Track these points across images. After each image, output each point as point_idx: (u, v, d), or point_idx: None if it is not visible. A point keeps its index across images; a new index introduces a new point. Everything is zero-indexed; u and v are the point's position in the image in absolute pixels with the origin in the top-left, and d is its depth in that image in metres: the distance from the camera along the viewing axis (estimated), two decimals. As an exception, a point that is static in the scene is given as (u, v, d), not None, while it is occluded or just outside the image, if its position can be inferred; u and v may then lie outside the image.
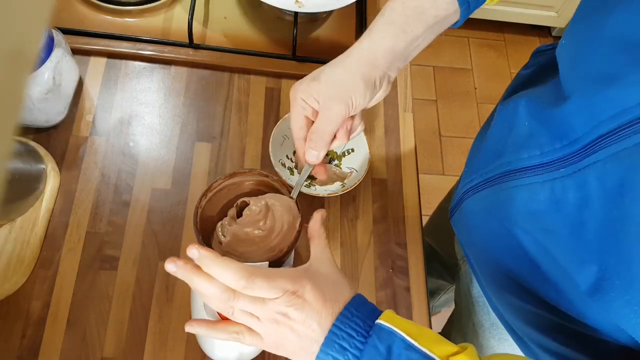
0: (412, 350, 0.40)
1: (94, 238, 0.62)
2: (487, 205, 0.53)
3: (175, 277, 0.61)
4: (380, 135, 0.74)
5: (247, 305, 0.42)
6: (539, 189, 0.44)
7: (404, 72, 0.80)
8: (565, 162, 0.42)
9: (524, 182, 0.46)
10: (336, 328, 0.41)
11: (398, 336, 0.40)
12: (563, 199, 0.42)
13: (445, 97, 1.93)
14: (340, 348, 0.40)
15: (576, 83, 0.43)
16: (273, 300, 0.41)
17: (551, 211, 0.43)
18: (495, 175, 0.51)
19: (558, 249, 0.44)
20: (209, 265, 0.42)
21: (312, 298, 0.42)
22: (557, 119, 0.44)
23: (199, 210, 0.54)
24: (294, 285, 0.42)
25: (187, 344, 0.58)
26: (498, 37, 2.08)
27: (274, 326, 0.42)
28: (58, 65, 0.62)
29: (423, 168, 1.78)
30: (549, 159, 0.44)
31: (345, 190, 0.64)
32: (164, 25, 0.75)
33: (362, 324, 0.41)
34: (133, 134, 0.68)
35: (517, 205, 0.47)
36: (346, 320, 0.41)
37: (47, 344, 0.56)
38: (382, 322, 0.41)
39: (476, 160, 0.58)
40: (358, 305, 0.43)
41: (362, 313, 0.42)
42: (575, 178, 0.41)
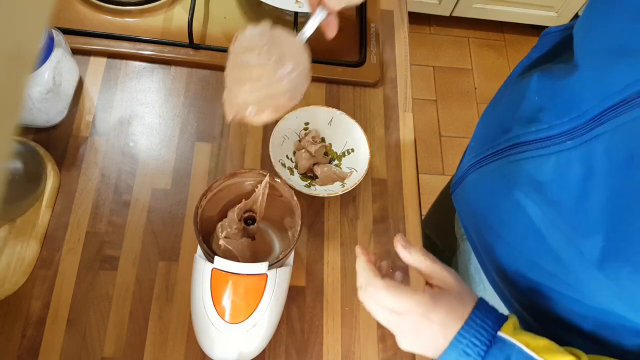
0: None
1: (94, 238, 0.62)
2: (492, 178, 0.54)
3: (175, 277, 0.61)
4: (380, 135, 0.74)
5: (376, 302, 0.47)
6: (545, 162, 0.46)
7: (404, 72, 0.80)
8: (572, 134, 0.43)
9: (531, 154, 0.48)
10: (461, 337, 0.44)
11: (516, 347, 0.43)
12: (568, 170, 0.43)
13: (445, 97, 1.93)
14: (464, 353, 0.43)
15: (589, 55, 0.44)
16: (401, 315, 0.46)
17: (556, 183, 0.45)
18: (501, 148, 0.52)
19: (563, 219, 0.45)
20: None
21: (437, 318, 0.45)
22: (567, 93, 0.45)
23: (199, 210, 0.54)
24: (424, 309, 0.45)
25: (187, 344, 0.58)
26: (498, 37, 2.08)
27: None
28: (58, 65, 0.62)
29: (423, 168, 1.78)
30: (556, 132, 0.45)
31: (345, 190, 0.64)
32: (164, 25, 0.75)
33: (485, 334, 0.44)
34: (133, 134, 0.68)
35: (523, 177, 0.48)
36: (471, 330, 0.44)
37: (47, 344, 0.56)
38: (503, 334, 0.44)
39: (483, 135, 0.59)
40: (484, 315, 0.45)
41: (487, 322, 0.45)
42: (582, 150, 0.42)
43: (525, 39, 2.07)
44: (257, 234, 0.60)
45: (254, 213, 0.59)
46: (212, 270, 0.51)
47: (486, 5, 1.88)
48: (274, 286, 0.52)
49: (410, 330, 0.46)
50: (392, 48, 0.81)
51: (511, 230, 0.53)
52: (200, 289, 0.51)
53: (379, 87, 0.78)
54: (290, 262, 0.59)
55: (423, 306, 0.45)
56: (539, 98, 0.49)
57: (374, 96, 0.77)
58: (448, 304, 0.45)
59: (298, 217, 0.55)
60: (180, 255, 0.62)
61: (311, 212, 0.68)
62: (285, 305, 0.58)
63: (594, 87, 0.41)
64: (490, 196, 0.55)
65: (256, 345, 0.54)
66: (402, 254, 0.49)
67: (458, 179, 0.63)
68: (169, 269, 0.62)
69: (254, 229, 0.60)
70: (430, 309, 0.45)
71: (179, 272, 0.62)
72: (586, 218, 0.42)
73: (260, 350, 0.55)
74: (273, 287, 0.52)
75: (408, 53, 0.82)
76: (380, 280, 0.47)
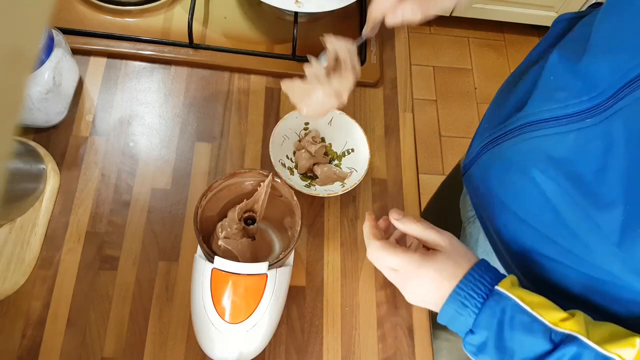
0: (524, 314, 0.45)
1: (94, 238, 0.62)
2: (507, 156, 0.55)
3: (175, 277, 0.61)
4: (380, 135, 0.74)
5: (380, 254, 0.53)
6: (562, 139, 0.47)
7: (404, 72, 0.80)
8: (592, 112, 0.45)
9: (546, 132, 0.49)
10: (459, 289, 0.48)
11: (512, 300, 0.46)
12: (588, 147, 0.45)
13: (445, 97, 1.93)
14: (461, 305, 0.48)
15: (606, 39, 0.45)
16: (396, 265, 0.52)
17: (575, 158, 0.46)
18: (516, 127, 0.54)
19: (581, 193, 0.46)
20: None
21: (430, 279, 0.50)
22: (584, 74, 0.46)
23: (199, 210, 0.54)
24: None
25: (187, 344, 0.58)
26: (498, 37, 2.08)
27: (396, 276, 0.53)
28: (58, 65, 0.62)
29: (423, 168, 1.78)
30: (573, 110, 0.46)
31: (345, 190, 0.64)
32: (164, 25, 0.75)
33: (483, 288, 0.48)
34: (133, 134, 0.68)
35: (539, 154, 0.50)
36: (469, 283, 0.48)
37: (47, 344, 0.56)
38: (500, 288, 0.47)
39: (496, 116, 0.61)
40: (483, 271, 0.49)
41: (489, 275, 0.49)
42: (601, 127, 0.43)
43: (525, 39, 2.07)
44: (257, 234, 0.60)
45: (254, 213, 0.59)
46: (212, 270, 0.51)
47: (486, 5, 1.88)
48: (274, 286, 0.52)
49: (407, 286, 0.52)
50: (392, 48, 0.81)
51: (526, 207, 0.54)
52: (200, 289, 0.51)
53: (379, 87, 0.78)
54: (290, 262, 0.59)
55: (414, 263, 0.50)
56: (554, 78, 0.51)
57: (374, 96, 0.77)
58: (438, 262, 0.50)
59: (298, 217, 0.55)
60: (180, 255, 0.62)
61: (311, 212, 0.68)
62: (285, 305, 0.58)
63: (611, 66, 0.43)
64: (505, 174, 0.56)
65: (256, 345, 0.54)
66: (396, 225, 0.54)
67: (470, 160, 0.65)
68: (169, 269, 0.62)
69: (254, 229, 0.60)
70: (421, 266, 0.50)
71: (179, 272, 0.62)
72: (606, 190, 0.43)
73: (260, 350, 0.55)
74: (273, 287, 0.52)
75: (408, 53, 0.82)
76: (377, 241, 0.53)
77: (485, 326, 0.47)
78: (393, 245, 0.52)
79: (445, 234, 0.52)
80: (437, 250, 0.51)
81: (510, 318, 0.46)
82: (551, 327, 0.45)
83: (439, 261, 0.50)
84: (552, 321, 0.45)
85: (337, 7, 0.74)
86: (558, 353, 0.43)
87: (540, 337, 0.44)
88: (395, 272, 0.52)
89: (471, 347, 0.49)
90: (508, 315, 0.46)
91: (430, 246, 0.52)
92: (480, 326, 0.47)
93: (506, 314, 0.46)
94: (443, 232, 0.53)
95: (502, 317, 0.46)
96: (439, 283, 0.49)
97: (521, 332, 0.45)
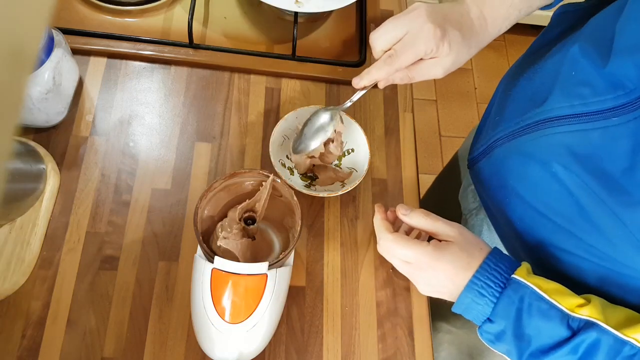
0: (541, 301, 0.46)
1: (94, 238, 0.62)
2: (527, 150, 0.55)
3: (175, 277, 0.61)
4: (380, 135, 0.74)
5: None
6: (586, 136, 0.47)
7: (404, 72, 0.80)
8: (619, 111, 0.44)
9: (569, 129, 0.49)
10: (476, 278, 0.49)
11: (529, 288, 0.47)
12: (615, 145, 0.44)
13: (445, 97, 1.93)
14: (479, 294, 0.48)
15: (636, 37, 0.44)
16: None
17: (601, 155, 0.46)
18: (535, 122, 0.53)
19: (606, 190, 0.46)
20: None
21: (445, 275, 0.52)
22: (610, 71, 0.46)
23: (199, 210, 0.54)
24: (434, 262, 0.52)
25: (187, 344, 0.58)
26: (498, 37, 2.07)
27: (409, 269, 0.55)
28: (58, 65, 0.62)
29: (423, 168, 1.78)
30: (597, 108, 0.46)
31: (345, 190, 0.64)
32: (164, 25, 0.75)
33: (499, 277, 0.49)
34: (133, 134, 0.68)
35: (561, 149, 0.49)
36: (485, 273, 0.49)
37: (47, 344, 0.56)
38: (517, 276, 0.48)
39: (510, 109, 0.60)
40: (498, 260, 0.50)
41: (504, 264, 0.50)
42: (630, 126, 0.43)
43: (525, 39, 2.06)
44: (257, 234, 0.60)
45: (254, 213, 0.59)
46: (212, 270, 0.51)
47: None
48: (274, 286, 0.52)
49: (421, 278, 0.53)
50: (392, 48, 0.81)
51: (546, 200, 0.54)
52: (200, 289, 0.51)
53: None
54: (290, 262, 0.59)
55: (427, 256, 0.51)
56: (575, 73, 0.50)
57: (374, 96, 0.77)
58: (452, 254, 0.51)
59: (298, 217, 0.55)
60: (180, 255, 0.62)
61: (311, 212, 0.68)
62: (285, 305, 0.58)
63: (638, 65, 0.42)
64: (523, 168, 0.56)
65: (256, 345, 0.54)
66: (404, 220, 0.55)
67: (479, 153, 0.64)
68: (169, 269, 0.62)
69: (254, 229, 0.60)
70: (434, 258, 0.51)
71: (179, 272, 0.62)
72: (634, 189, 0.43)
73: (260, 350, 0.55)
74: (273, 287, 0.52)
75: (408, 53, 0.81)
76: (390, 234, 0.54)
77: (504, 315, 0.47)
78: (405, 238, 0.53)
79: (454, 225, 0.53)
80: (448, 241, 0.52)
81: (528, 305, 0.46)
82: (569, 313, 0.45)
83: (452, 252, 0.51)
84: (569, 307, 0.45)
85: (337, 7, 0.74)
86: (577, 339, 0.44)
87: (558, 323, 0.45)
88: (408, 264, 0.53)
89: (489, 336, 0.50)
90: (526, 303, 0.46)
91: (442, 238, 0.53)
92: (499, 315, 0.48)
93: (524, 302, 0.47)
94: (452, 223, 0.54)
95: (520, 305, 0.47)
96: (453, 274, 0.50)
97: (539, 319, 0.46)
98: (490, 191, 0.64)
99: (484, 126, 0.67)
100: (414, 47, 0.54)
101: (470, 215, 0.77)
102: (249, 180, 0.58)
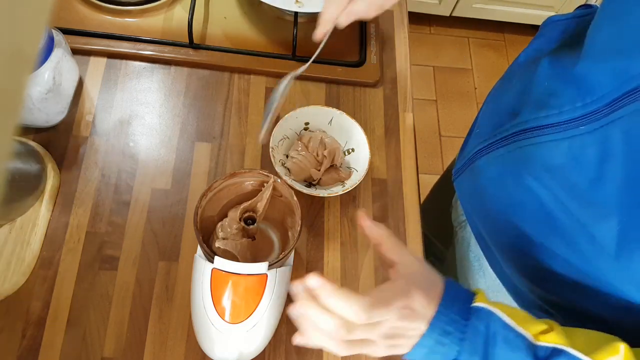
0: (507, 330, 0.42)
1: (94, 238, 0.62)
2: (502, 163, 0.54)
3: (175, 277, 0.61)
4: (380, 135, 0.74)
5: (365, 333, 0.43)
6: (557, 146, 0.46)
7: (404, 72, 0.80)
8: (586, 119, 0.43)
9: (542, 139, 0.48)
10: (440, 314, 0.42)
11: (495, 316, 0.42)
12: (582, 154, 0.43)
13: (445, 97, 1.93)
14: (444, 332, 0.42)
15: (606, 43, 0.44)
16: (388, 320, 0.42)
17: (570, 166, 0.45)
18: (510, 134, 0.53)
19: (577, 203, 0.45)
20: (329, 296, 0.42)
21: (420, 305, 0.43)
22: (579, 79, 0.45)
23: (199, 210, 0.54)
24: (405, 301, 0.42)
25: (187, 344, 0.58)
26: (498, 37, 2.08)
27: (389, 341, 0.43)
28: (58, 65, 0.62)
29: (423, 168, 1.78)
30: (568, 117, 0.45)
31: (345, 190, 0.64)
32: (164, 25, 0.75)
33: (462, 307, 0.43)
34: (133, 134, 0.68)
35: (534, 162, 0.49)
36: (449, 305, 0.43)
37: (47, 344, 0.56)
38: (480, 304, 0.43)
39: (489, 121, 0.60)
40: (455, 292, 0.44)
41: (460, 298, 0.44)
42: (597, 134, 0.42)
43: (525, 39, 2.06)
44: (257, 234, 0.60)
45: (254, 213, 0.59)
46: (212, 270, 0.51)
47: (486, 5, 1.88)
48: (274, 286, 0.52)
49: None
50: (392, 48, 0.81)
51: (522, 215, 0.53)
52: (200, 289, 0.51)
53: (379, 87, 0.78)
54: (290, 262, 0.59)
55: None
56: (548, 83, 0.50)
57: (374, 96, 0.77)
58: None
59: (298, 217, 0.55)
60: (180, 255, 0.62)
61: (311, 212, 0.68)
62: (285, 305, 0.58)
63: (610, 74, 0.42)
64: (500, 181, 0.55)
65: (256, 345, 0.54)
66: (370, 230, 0.47)
67: (462, 165, 0.64)
68: (169, 269, 0.62)
69: (254, 229, 0.60)
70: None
71: (179, 272, 0.62)
72: (601, 200, 0.42)
73: (260, 350, 0.55)
74: (273, 287, 0.52)
75: (408, 53, 0.82)
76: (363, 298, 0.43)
77: (472, 350, 0.42)
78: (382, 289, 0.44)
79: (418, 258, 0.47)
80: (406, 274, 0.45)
81: (494, 334, 0.42)
82: (534, 342, 0.42)
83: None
84: (534, 334, 0.42)
85: (337, 7, 0.74)
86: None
87: (524, 354, 0.41)
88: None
89: None
90: (492, 332, 0.42)
91: (399, 267, 0.46)
92: (467, 351, 0.42)
93: (490, 330, 0.42)
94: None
95: (487, 334, 0.42)
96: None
97: (507, 350, 0.41)
98: (471, 204, 0.64)
99: (469, 138, 0.67)
100: None
101: (459, 227, 0.76)
102: (249, 180, 0.58)
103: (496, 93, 0.64)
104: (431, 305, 0.43)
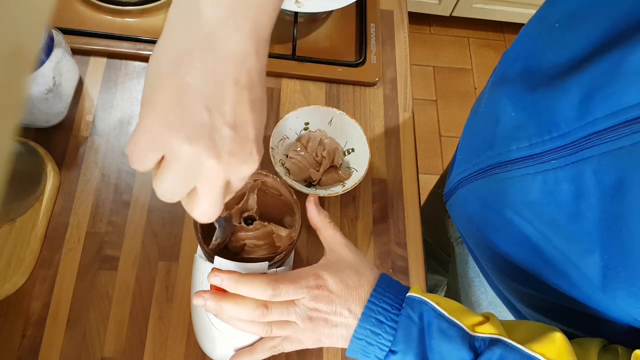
0: (441, 319, 0.42)
1: (94, 238, 0.62)
2: (482, 194, 0.53)
3: (175, 277, 0.61)
4: (380, 135, 0.74)
5: (282, 313, 0.44)
6: (532, 180, 0.44)
7: (404, 72, 0.80)
8: (557, 153, 0.41)
9: (516, 173, 0.46)
10: (371, 304, 0.43)
11: (428, 305, 0.43)
12: (557, 190, 0.42)
13: (445, 97, 1.93)
14: (377, 321, 0.43)
15: (568, 78, 0.41)
16: (301, 299, 0.44)
17: (547, 202, 0.43)
18: (487, 166, 0.51)
19: (559, 237, 0.44)
20: (234, 285, 0.44)
21: (336, 288, 0.44)
22: (544, 110, 0.43)
23: (199, 210, 0.54)
24: (316, 281, 0.45)
25: (187, 344, 0.58)
26: (498, 37, 2.08)
27: (310, 324, 0.45)
28: (58, 65, 0.62)
29: (423, 168, 1.78)
30: (539, 150, 0.43)
31: (345, 190, 0.64)
32: (164, 25, 0.75)
33: (394, 298, 0.44)
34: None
35: (512, 196, 0.47)
36: (380, 297, 0.44)
37: (47, 344, 0.56)
38: (413, 294, 0.44)
39: (467, 149, 0.58)
40: (387, 284, 0.46)
41: (393, 289, 0.45)
42: (569, 170, 0.40)
43: (525, 39, 2.06)
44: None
45: (250, 212, 0.59)
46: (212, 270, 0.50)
47: (486, 5, 1.88)
48: (274, 286, 0.52)
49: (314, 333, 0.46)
50: (392, 48, 0.81)
51: (510, 245, 0.51)
52: (200, 289, 0.51)
53: (379, 87, 0.78)
54: (290, 262, 0.59)
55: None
56: (515, 114, 0.47)
57: (374, 96, 0.77)
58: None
59: (298, 216, 0.55)
60: (180, 255, 0.62)
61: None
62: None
63: (575, 111, 0.39)
64: (482, 211, 0.54)
65: (256, 345, 0.54)
66: (309, 210, 0.51)
67: (449, 190, 0.62)
68: (169, 269, 0.62)
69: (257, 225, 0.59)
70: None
71: (179, 272, 0.62)
72: (582, 237, 0.40)
73: (260, 350, 0.55)
74: (273, 287, 0.52)
75: (408, 53, 0.82)
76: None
77: (406, 340, 0.42)
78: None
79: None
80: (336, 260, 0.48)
81: (428, 324, 0.42)
82: (470, 333, 0.41)
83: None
84: (469, 326, 0.42)
85: (337, 7, 0.74)
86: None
87: (460, 345, 0.41)
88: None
89: None
90: (426, 322, 0.42)
91: (332, 248, 0.49)
92: (402, 341, 0.42)
93: (424, 320, 0.42)
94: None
95: (421, 325, 0.42)
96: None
97: (441, 340, 0.41)
98: (462, 227, 0.63)
99: (454, 162, 0.64)
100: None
101: (456, 243, 0.76)
102: (249, 180, 0.58)
103: (472, 120, 0.61)
104: (354, 294, 0.44)
